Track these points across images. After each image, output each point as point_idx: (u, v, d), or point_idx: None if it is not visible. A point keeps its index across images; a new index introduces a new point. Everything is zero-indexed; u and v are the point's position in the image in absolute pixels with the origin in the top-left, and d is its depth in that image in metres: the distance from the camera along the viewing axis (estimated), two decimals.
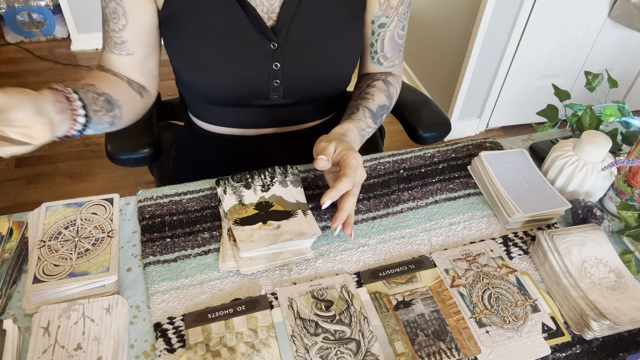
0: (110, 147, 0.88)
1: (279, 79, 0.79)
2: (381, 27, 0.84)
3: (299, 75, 0.80)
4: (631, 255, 0.69)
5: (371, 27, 0.85)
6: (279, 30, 0.76)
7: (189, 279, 0.63)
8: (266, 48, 0.77)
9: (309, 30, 0.77)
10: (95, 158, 2.05)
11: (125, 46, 0.78)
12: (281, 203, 0.72)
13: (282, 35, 0.76)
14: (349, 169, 0.66)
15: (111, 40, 0.78)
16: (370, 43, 0.87)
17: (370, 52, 0.88)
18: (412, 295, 0.63)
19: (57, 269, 0.59)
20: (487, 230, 0.74)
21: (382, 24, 0.84)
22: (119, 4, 0.74)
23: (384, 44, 0.87)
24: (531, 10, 1.89)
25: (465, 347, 0.58)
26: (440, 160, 0.85)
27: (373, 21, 0.84)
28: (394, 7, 0.82)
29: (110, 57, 0.79)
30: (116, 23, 0.76)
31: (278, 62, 0.78)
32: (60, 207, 0.68)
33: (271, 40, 0.76)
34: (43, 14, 2.65)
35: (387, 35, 0.86)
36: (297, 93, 0.83)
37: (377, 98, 0.84)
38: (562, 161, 0.78)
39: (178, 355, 0.56)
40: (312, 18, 0.77)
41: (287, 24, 0.76)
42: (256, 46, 0.76)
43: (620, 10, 1.94)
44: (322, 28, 0.78)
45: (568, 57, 2.13)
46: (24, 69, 2.56)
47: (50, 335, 0.54)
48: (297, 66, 0.79)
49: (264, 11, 0.75)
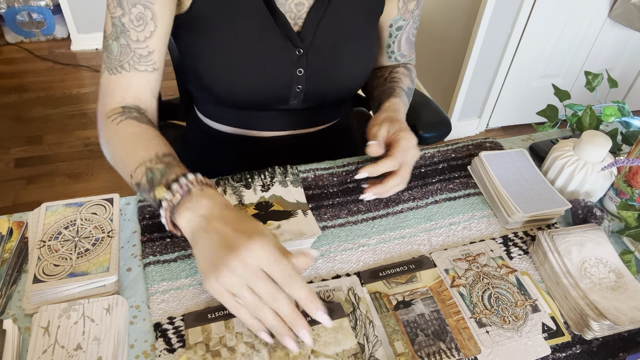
0: None
1: (301, 85, 0.80)
2: (398, 30, 0.88)
3: (321, 81, 0.81)
4: (631, 255, 0.69)
5: (389, 31, 0.88)
6: (305, 37, 0.76)
7: (189, 279, 0.63)
8: (292, 54, 0.76)
9: (333, 37, 0.78)
10: (95, 158, 2.05)
11: (152, 58, 0.70)
12: (281, 203, 0.72)
13: (307, 42, 0.77)
14: (397, 151, 0.68)
15: (134, 54, 0.68)
16: (387, 44, 0.91)
17: (387, 52, 0.92)
18: (412, 295, 0.63)
19: (57, 269, 0.59)
20: (487, 230, 0.74)
21: (399, 27, 0.88)
22: (148, 8, 0.67)
23: (400, 44, 0.91)
24: (531, 10, 1.90)
25: (465, 347, 0.58)
26: (440, 160, 0.85)
27: (391, 25, 0.87)
28: (410, 11, 0.86)
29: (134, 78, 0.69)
30: (142, 31, 0.67)
31: (302, 68, 0.78)
32: (60, 207, 0.68)
33: (297, 47, 0.76)
34: (43, 14, 2.65)
35: (404, 36, 0.90)
36: (316, 98, 0.83)
37: (404, 80, 0.88)
38: (562, 161, 0.78)
39: (178, 355, 0.56)
40: (335, 24, 0.78)
41: (312, 31, 0.76)
42: (283, 52, 0.76)
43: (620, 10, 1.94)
44: (344, 34, 0.79)
45: (568, 57, 2.13)
46: (24, 69, 2.56)
47: (50, 335, 0.54)
48: (320, 72, 0.79)
49: (291, 17, 0.75)
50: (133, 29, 0.67)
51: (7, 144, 2.08)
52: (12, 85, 2.43)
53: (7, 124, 2.19)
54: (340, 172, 0.81)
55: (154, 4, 0.67)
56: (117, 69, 0.69)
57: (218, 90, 0.79)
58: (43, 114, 2.27)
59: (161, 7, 0.68)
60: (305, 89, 0.80)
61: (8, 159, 2.02)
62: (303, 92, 0.81)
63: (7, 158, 2.02)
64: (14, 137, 2.12)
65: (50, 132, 2.17)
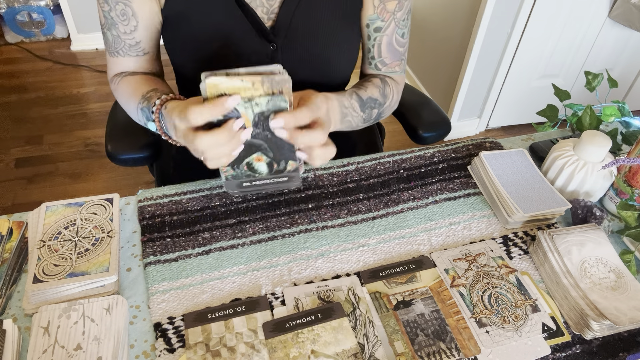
0: (111, 147, 0.88)
1: None
2: (377, 32, 0.83)
3: (298, 76, 0.80)
4: (631, 255, 0.69)
5: (367, 32, 0.84)
6: (278, 31, 0.76)
7: (189, 278, 0.63)
8: (265, 49, 0.77)
9: (307, 31, 0.77)
10: (95, 158, 2.05)
11: (140, 46, 0.79)
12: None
13: (281, 36, 0.76)
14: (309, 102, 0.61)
15: (124, 43, 0.78)
16: (367, 48, 0.86)
17: (368, 57, 0.87)
18: (412, 295, 0.63)
19: (57, 269, 0.59)
20: (487, 230, 0.74)
21: (377, 28, 0.82)
22: (128, 5, 0.74)
23: (381, 49, 0.84)
24: (531, 10, 1.89)
25: (465, 347, 0.58)
26: (440, 160, 0.85)
27: (368, 24, 0.82)
28: (391, 12, 0.81)
29: (128, 61, 0.80)
30: (127, 25, 0.76)
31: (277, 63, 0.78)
32: (60, 207, 0.68)
33: (270, 42, 0.76)
34: (43, 14, 2.65)
35: (384, 40, 0.83)
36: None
37: (369, 90, 0.81)
38: (562, 161, 0.78)
39: (178, 355, 0.56)
40: (310, 19, 0.77)
41: (286, 25, 0.76)
42: (255, 47, 0.76)
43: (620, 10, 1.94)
44: (320, 28, 0.78)
45: (568, 57, 2.13)
46: (24, 69, 2.56)
47: (50, 335, 0.54)
48: (296, 67, 0.79)
49: (264, 12, 0.75)
50: (120, 22, 0.76)
51: (7, 144, 2.08)
52: (12, 85, 2.43)
53: (7, 124, 2.19)
54: (340, 172, 0.81)
55: (132, 2, 0.73)
56: (114, 53, 0.80)
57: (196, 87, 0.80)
58: (43, 114, 2.27)
59: (139, 4, 0.74)
60: None
61: (8, 159, 2.02)
62: None
63: (7, 158, 2.02)
64: (14, 137, 2.12)
65: (50, 132, 2.17)
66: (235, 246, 0.68)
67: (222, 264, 0.66)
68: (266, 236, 0.70)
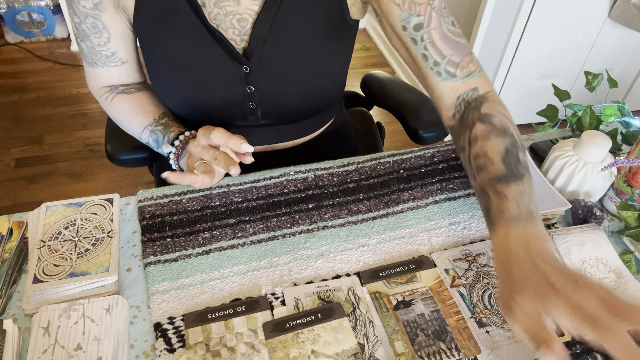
0: (110, 148, 0.88)
1: (254, 102, 0.77)
2: (419, 29, 0.69)
3: (275, 98, 0.77)
4: (631, 255, 0.69)
5: (407, 35, 0.71)
6: (252, 53, 0.72)
7: (189, 278, 0.63)
8: (238, 72, 0.73)
9: (283, 51, 0.73)
10: (95, 158, 2.05)
11: (117, 56, 0.78)
12: None
13: (255, 58, 0.73)
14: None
15: (100, 55, 0.77)
16: (422, 55, 0.71)
17: (430, 66, 0.71)
18: (412, 295, 0.63)
19: (57, 269, 0.59)
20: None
21: (417, 25, 0.69)
22: (97, 19, 0.72)
23: (437, 47, 0.70)
24: (531, 10, 1.90)
25: (465, 347, 0.58)
26: (440, 160, 0.85)
27: (404, 27, 0.70)
28: (424, 3, 0.69)
29: (108, 72, 0.79)
30: (99, 37, 0.75)
31: (252, 86, 0.75)
32: (60, 207, 0.68)
33: (243, 64, 0.73)
34: (43, 14, 2.65)
35: (435, 35, 0.69)
36: (275, 114, 0.81)
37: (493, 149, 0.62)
38: (562, 161, 0.78)
39: (178, 355, 0.56)
40: (286, 38, 0.73)
41: (259, 46, 0.72)
42: (227, 70, 0.73)
43: (620, 10, 1.94)
44: (297, 48, 0.73)
45: (568, 57, 2.13)
46: (24, 69, 2.56)
47: (50, 335, 0.54)
48: (273, 88, 0.76)
49: (235, 34, 0.72)
50: (92, 35, 0.74)
51: (7, 144, 2.08)
52: (12, 85, 2.43)
53: (7, 124, 2.19)
54: (340, 172, 0.81)
55: (102, 16, 0.72)
56: (92, 64, 0.79)
57: (171, 106, 0.80)
58: (43, 114, 2.27)
59: (109, 17, 0.73)
60: (261, 105, 0.77)
61: (8, 159, 2.02)
62: (259, 108, 0.78)
63: (7, 158, 2.02)
64: (14, 137, 2.12)
65: (50, 132, 2.17)
66: (235, 246, 0.68)
67: (222, 264, 0.66)
68: (266, 236, 0.70)
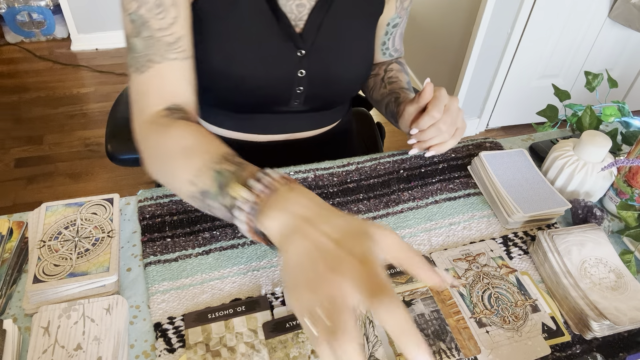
0: (111, 147, 0.88)
1: (302, 86, 0.79)
2: (394, 27, 0.90)
3: (322, 82, 0.81)
4: (631, 255, 0.69)
5: (385, 29, 0.89)
6: (306, 38, 0.76)
7: (189, 278, 0.63)
8: (293, 55, 0.76)
9: (334, 38, 0.78)
10: (95, 158, 2.05)
11: (180, 45, 0.64)
12: None
13: (309, 43, 0.76)
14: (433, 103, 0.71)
15: (160, 43, 0.62)
16: (382, 42, 0.92)
17: (382, 49, 0.93)
18: (412, 295, 0.63)
19: (57, 269, 0.59)
20: (487, 230, 0.74)
21: (395, 25, 0.89)
22: None
23: (395, 40, 0.93)
24: (531, 10, 1.90)
25: (465, 347, 0.58)
26: (440, 160, 0.85)
27: (388, 23, 0.88)
28: (405, 8, 0.88)
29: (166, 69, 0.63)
30: (163, 18, 0.62)
31: (304, 69, 0.78)
32: (60, 207, 0.68)
33: (299, 48, 0.76)
34: (43, 14, 2.65)
35: (398, 32, 0.92)
36: (317, 100, 0.83)
37: (402, 78, 0.90)
38: (562, 161, 0.78)
39: (178, 355, 0.56)
40: (336, 26, 0.78)
41: (314, 32, 0.76)
42: (284, 53, 0.76)
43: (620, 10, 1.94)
44: (345, 35, 0.79)
45: (568, 57, 2.13)
46: (24, 69, 2.56)
47: (50, 335, 0.54)
48: (322, 73, 0.79)
49: (292, 18, 0.75)
50: (153, 17, 0.62)
51: (7, 144, 2.08)
52: (12, 85, 2.43)
53: (7, 124, 2.19)
54: (340, 172, 0.81)
55: None
56: (146, 64, 0.62)
57: (217, 92, 0.79)
58: (43, 114, 2.27)
59: None
60: (306, 90, 0.80)
61: (8, 159, 2.02)
62: (304, 93, 0.80)
63: (7, 158, 2.02)
64: (14, 137, 2.12)
65: (50, 132, 2.17)
66: (235, 246, 0.68)
67: (222, 264, 0.66)
68: None
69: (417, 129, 0.74)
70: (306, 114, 0.87)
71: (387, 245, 0.43)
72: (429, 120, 0.72)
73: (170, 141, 0.58)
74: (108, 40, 2.75)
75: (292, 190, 0.47)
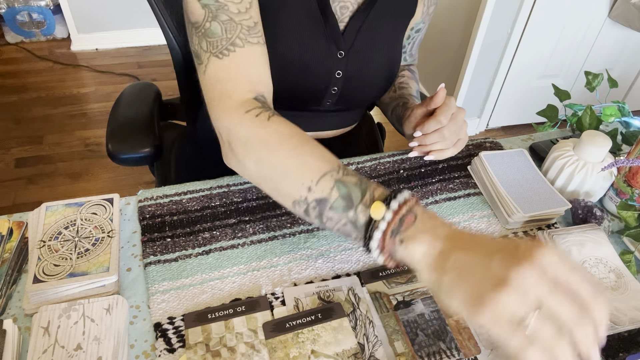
0: (112, 147, 0.88)
1: (337, 87, 0.80)
2: (417, 33, 0.90)
3: (356, 84, 0.81)
4: (631, 256, 0.69)
5: (409, 33, 0.89)
6: (346, 40, 0.76)
7: (189, 278, 0.63)
8: (334, 55, 0.77)
9: (371, 41, 0.79)
10: (95, 158, 2.05)
11: (258, 29, 0.62)
12: None
13: (348, 45, 0.77)
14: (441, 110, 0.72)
15: (241, 28, 0.60)
16: (403, 45, 0.91)
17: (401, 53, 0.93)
18: (412, 295, 0.63)
19: (57, 269, 0.59)
20: (487, 230, 0.74)
21: (418, 30, 0.89)
22: None
23: (414, 45, 0.93)
24: (531, 10, 1.90)
25: (465, 347, 0.58)
26: (440, 160, 0.85)
27: (412, 28, 0.88)
28: (430, 14, 0.88)
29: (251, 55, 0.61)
30: (240, 2, 0.60)
31: (341, 71, 0.78)
32: (60, 207, 0.68)
33: (340, 49, 0.76)
34: (43, 14, 2.65)
35: (418, 38, 0.91)
36: (348, 100, 0.84)
37: (412, 85, 0.90)
38: (562, 161, 0.78)
39: (178, 355, 0.56)
40: (374, 30, 0.78)
41: (354, 34, 0.77)
42: (327, 53, 0.76)
43: (620, 10, 1.94)
44: (381, 40, 0.80)
45: (568, 57, 2.13)
46: (24, 69, 2.56)
47: (50, 335, 0.54)
48: (357, 75, 0.80)
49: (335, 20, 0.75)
50: (230, 1, 0.60)
51: (7, 144, 2.08)
52: (12, 85, 2.43)
53: (7, 124, 2.19)
54: None
55: None
56: (228, 48, 0.59)
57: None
58: (43, 114, 2.27)
59: None
60: (340, 90, 0.80)
61: (8, 159, 2.02)
62: (338, 94, 0.81)
63: (7, 158, 2.02)
64: (14, 137, 2.12)
65: (50, 132, 2.17)
66: (235, 246, 0.68)
67: (222, 264, 0.66)
68: (266, 236, 0.70)
69: (422, 132, 0.74)
70: (332, 113, 0.87)
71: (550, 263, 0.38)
72: (434, 125, 0.72)
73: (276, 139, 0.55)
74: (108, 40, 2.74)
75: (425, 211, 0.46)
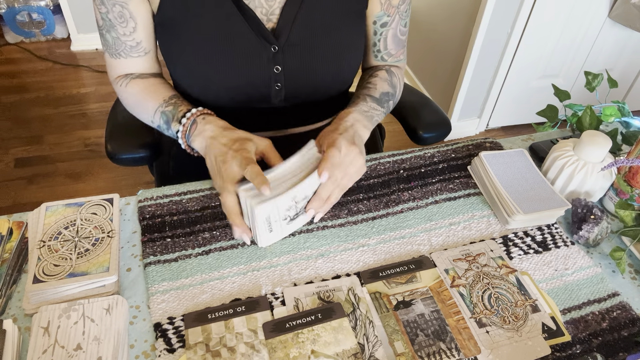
0: (111, 147, 0.88)
1: (280, 83, 0.79)
2: (383, 27, 0.85)
3: (301, 78, 0.80)
4: (622, 253, 0.69)
5: (373, 28, 0.85)
6: (280, 33, 0.75)
7: (189, 279, 0.63)
8: (267, 51, 0.75)
9: (310, 32, 0.76)
10: (95, 158, 2.05)
11: (141, 47, 0.79)
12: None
13: (283, 38, 0.75)
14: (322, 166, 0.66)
15: (125, 45, 0.78)
16: (373, 43, 0.88)
17: (373, 51, 0.89)
18: (412, 295, 0.63)
19: (57, 269, 0.59)
20: (487, 230, 0.74)
21: (384, 24, 0.84)
22: (125, 7, 0.73)
23: (387, 42, 0.87)
24: (531, 10, 1.89)
25: (465, 347, 0.58)
26: (440, 160, 0.85)
27: (375, 21, 0.84)
28: (395, 6, 0.83)
29: (131, 62, 0.80)
30: (125, 27, 0.75)
31: (279, 66, 0.77)
32: (60, 207, 0.68)
33: (272, 44, 0.75)
34: (43, 14, 2.65)
35: (390, 33, 0.86)
36: (298, 96, 0.83)
37: (379, 86, 0.85)
38: (562, 161, 0.78)
39: (178, 355, 0.56)
40: (313, 19, 0.76)
41: (288, 27, 0.75)
42: (256, 50, 0.75)
43: (620, 10, 1.94)
44: (323, 29, 0.77)
45: (568, 57, 2.13)
46: (24, 69, 2.56)
47: (50, 335, 0.54)
48: (299, 69, 0.78)
49: (263, 13, 0.74)
50: (118, 24, 0.75)
51: (7, 144, 2.08)
52: (12, 85, 2.42)
53: (7, 124, 2.19)
54: None
55: (129, 4, 0.73)
56: (115, 55, 0.80)
57: (192, 93, 0.80)
58: (43, 114, 2.27)
59: (135, 5, 0.74)
60: (285, 86, 0.79)
61: (8, 159, 2.01)
62: (284, 89, 0.80)
63: (7, 158, 2.02)
64: (14, 137, 2.12)
65: (50, 132, 2.17)
66: (235, 246, 0.68)
67: (222, 264, 0.66)
68: None
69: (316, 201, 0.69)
70: (293, 109, 0.86)
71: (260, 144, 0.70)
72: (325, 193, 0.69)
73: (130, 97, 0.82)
74: None
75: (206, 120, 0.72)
